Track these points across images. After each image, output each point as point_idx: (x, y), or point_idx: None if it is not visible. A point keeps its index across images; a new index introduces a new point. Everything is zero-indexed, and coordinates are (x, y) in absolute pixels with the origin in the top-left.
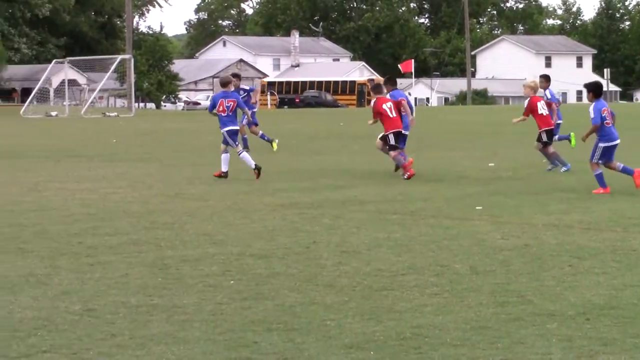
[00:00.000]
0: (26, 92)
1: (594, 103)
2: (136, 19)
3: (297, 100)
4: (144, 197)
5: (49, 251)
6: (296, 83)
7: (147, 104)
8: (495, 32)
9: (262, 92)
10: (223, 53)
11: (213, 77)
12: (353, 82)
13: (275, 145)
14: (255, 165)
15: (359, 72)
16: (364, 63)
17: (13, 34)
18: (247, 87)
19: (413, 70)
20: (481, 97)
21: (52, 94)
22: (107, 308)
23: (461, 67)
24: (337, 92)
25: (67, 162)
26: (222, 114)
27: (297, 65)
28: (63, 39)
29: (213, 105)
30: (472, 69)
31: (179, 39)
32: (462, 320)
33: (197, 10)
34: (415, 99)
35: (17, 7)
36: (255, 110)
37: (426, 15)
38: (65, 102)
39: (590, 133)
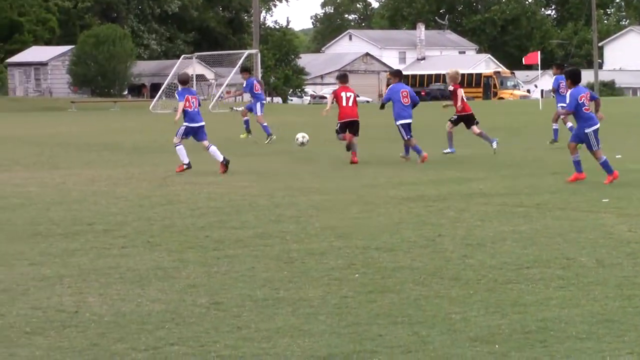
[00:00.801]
0: (155, 87)
1: (571, 90)
2: (263, 14)
3: (423, 93)
4: (270, 191)
5: (177, 244)
6: (422, 76)
7: (274, 98)
8: (623, 22)
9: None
10: (349, 47)
11: (339, 71)
12: (479, 75)
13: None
14: (224, 158)
15: (485, 65)
16: (489, 55)
17: (142, 30)
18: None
19: (539, 62)
20: (609, 88)
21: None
22: (233, 301)
23: (588, 59)
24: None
25: (194, 157)
26: (190, 109)
27: (423, 59)
28: (191, 35)
29: (183, 98)
30: (600, 61)
31: (306, 34)
32: (588, 313)
33: (323, 5)
34: (542, 91)
35: (147, 4)
36: (264, 102)
37: (553, 7)
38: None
39: (565, 114)
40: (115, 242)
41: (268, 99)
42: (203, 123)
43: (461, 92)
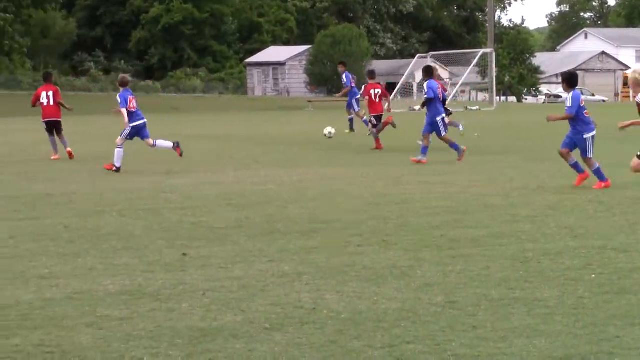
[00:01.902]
0: (390, 86)
1: (572, 92)
2: (498, 12)
3: None
4: (505, 191)
5: (412, 243)
6: None
7: (508, 97)
8: None
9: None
10: (584, 46)
11: (575, 70)
12: None
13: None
14: (174, 142)
15: None
16: None
17: (378, 29)
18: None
19: None
20: None
21: (415, 88)
22: (468, 300)
23: None
24: None
25: (430, 156)
26: (133, 110)
27: None
28: (426, 34)
29: (125, 101)
30: None
31: (541, 32)
32: None
33: (558, 3)
34: None
35: (383, 4)
36: (358, 97)
37: None
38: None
39: (562, 119)
40: (352, 240)
41: (502, 98)
42: (145, 120)
43: None
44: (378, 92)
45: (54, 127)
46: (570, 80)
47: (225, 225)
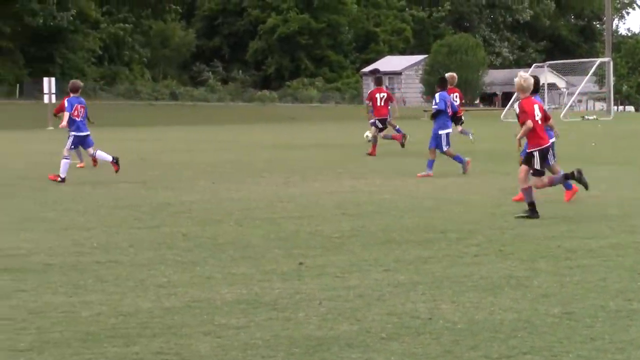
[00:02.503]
0: (507, 96)
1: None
2: (615, 21)
3: None
4: (623, 200)
5: (528, 254)
6: None
7: (626, 107)
8: None
9: None
10: None
11: None
12: None
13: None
14: (113, 157)
15: None
16: None
17: (494, 39)
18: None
19: None
20: None
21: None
22: (585, 311)
23: None
24: None
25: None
26: (77, 119)
27: None
28: (543, 43)
29: (71, 106)
30: None
31: None
32: None
33: None
34: None
35: (499, 13)
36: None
37: None
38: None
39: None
40: (468, 250)
41: (619, 107)
42: (89, 132)
43: None
44: (383, 96)
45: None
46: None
47: (341, 235)
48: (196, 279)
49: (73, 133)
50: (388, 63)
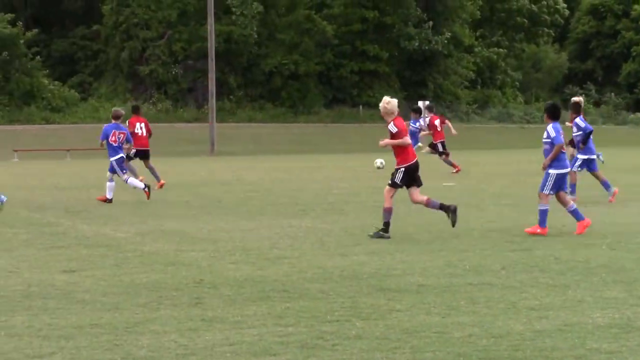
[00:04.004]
0: None
1: (552, 123)
2: None
3: None
4: None
5: None
6: None
7: None
8: None
9: None
10: None
11: None
12: None
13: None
14: (145, 184)
15: None
16: None
17: None
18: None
19: None
20: None
21: None
22: None
23: None
24: None
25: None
26: (114, 144)
27: None
28: None
29: (105, 136)
30: None
31: None
32: None
33: None
34: None
35: None
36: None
37: None
38: None
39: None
40: None
41: None
42: (121, 156)
43: None
44: (437, 122)
45: (144, 155)
46: (550, 111)
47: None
48: (568, 302)
49: (111, 159)
50: None
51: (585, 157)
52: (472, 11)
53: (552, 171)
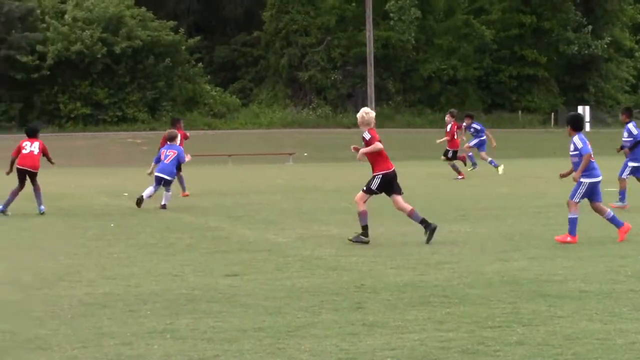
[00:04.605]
0: None
1: (577, 135)
2: None
3: None
4: None
5: None
6: None
7: None
8: None
9: None
10: None
11: None
12: None
13: (500, 170)
14: (142, 196)
15: None
16: None
17: None
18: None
19: None
20: None
21: None
22: None
23: None
24: None
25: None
26: (163, 161)
27: None
28: None
29: (158, 158)
30: None
31: None
32: None
33: None
34: None
35: None
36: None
37: None
38: None
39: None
40: None
41: None
42: (161, 175)
43: None
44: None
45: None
46: (574, 123)
47: None
48: None
49: (156, 173)
50: None
51: (636, 164)
52: (631, 15)
53: (584, 180)
